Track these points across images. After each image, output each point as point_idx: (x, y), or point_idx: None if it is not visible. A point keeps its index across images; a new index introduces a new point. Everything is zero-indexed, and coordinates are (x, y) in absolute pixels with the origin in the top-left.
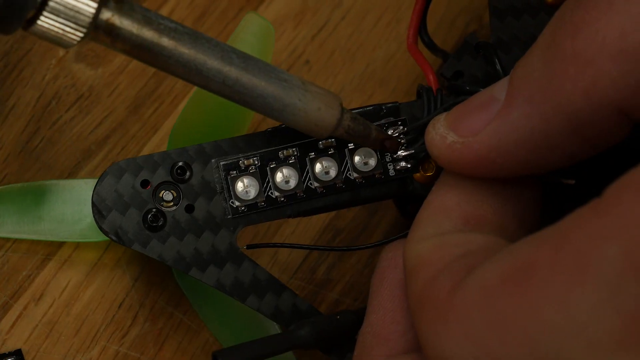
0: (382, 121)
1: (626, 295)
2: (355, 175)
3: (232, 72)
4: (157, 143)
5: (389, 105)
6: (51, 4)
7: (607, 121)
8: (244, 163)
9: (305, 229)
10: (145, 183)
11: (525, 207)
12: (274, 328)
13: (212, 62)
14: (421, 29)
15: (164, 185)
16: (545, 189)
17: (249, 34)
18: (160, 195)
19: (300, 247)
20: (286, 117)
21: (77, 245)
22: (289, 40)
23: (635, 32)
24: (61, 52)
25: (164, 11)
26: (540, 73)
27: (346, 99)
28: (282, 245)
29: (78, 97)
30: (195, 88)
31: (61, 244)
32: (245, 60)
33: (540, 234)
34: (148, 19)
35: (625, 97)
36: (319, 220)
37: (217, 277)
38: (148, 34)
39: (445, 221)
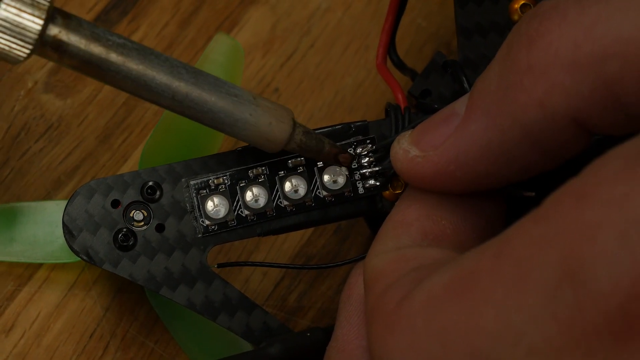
0: (351, 139)
1: (562, 302)
2: (324, 193)
3: (181, 87)
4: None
5: (358, 123)
6: None
7: (563, 132)
8: (214, 182)
9: (276, 255)
10: (115, 203)
11: (486, 223)
12: (247, 347)
13: (160, 78)
14: (390, 49)
15: (134, 205)
16: (507, 203)
17: (219, 54)
18: (131, 215)
19: (271, 265)
20: (237, 131)
21: (47, 277)
22: (258, 68)
23: (587, 43)
24: (30, 83)
25: None
26: (497, 86)
27: (315, 126)
28: (253, 264)
29: (47, 128)
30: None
31: (31, 275)
32: (195, 75)
33: (484, 244)
34: (96, 35)
35: (580, 108)
36: (289, 247)
37: (188, 296)
38: (96, 50)
39: (404, 236)
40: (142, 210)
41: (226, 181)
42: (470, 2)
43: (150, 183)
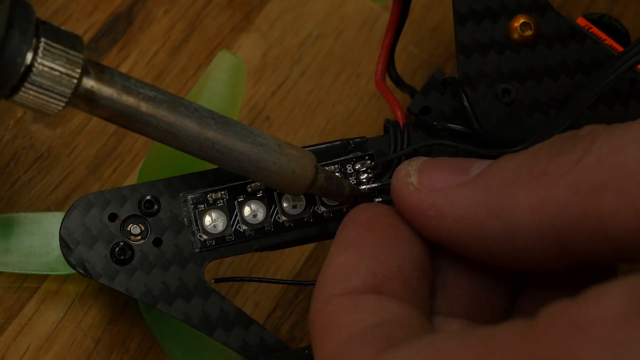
0: (350, 155)
1: None
2: (323, 209)
3: (209, 138)
4: None
5: (357, 139)
6: (33, 76)
7: (541, 246)
8: (212, 197)
9: (268, 285)
10: (113, 216)
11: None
12: None
13: (189, 130)
14: (389, 66)
15: (131, 218)
16: None
17: (222, 71)
18: (128, 228)
19: (269, 281)
20: (260, 178)
21: (37, 309)
22: (250, 96)
23: (595, 169)
24: (19, 112)
25: (122, 69)
26: (510, 173)
27: None
28: (251, 279)
29: (37, 158)
30: None
31: (21, 307)
32: (222, 125)
33: (465, 336)
34: (127, 88)
35: (564, 229)
36: (282, 277)
37: (185, 311)
38: (127, 102)
39: (354, 276)
40: (140, 224)
41: (224, 196)
42: (470, 20)
43: (148, 197)
